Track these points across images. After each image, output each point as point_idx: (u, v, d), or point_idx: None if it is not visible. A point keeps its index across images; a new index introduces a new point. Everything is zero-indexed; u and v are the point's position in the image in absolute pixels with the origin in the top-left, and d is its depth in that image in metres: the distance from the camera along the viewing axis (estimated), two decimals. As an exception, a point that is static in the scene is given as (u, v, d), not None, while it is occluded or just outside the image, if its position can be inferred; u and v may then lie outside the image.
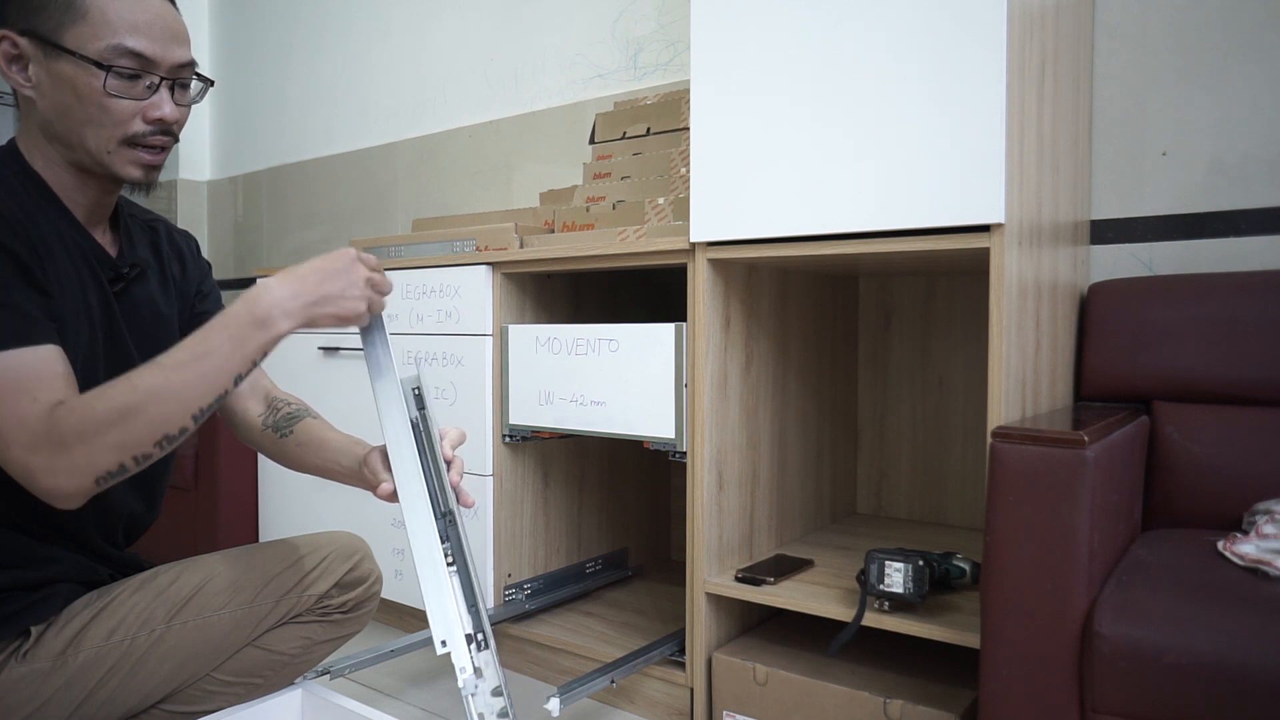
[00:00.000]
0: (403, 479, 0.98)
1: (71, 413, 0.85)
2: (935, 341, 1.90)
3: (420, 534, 0.94)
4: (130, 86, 0.96)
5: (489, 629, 0.92)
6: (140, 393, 0.86)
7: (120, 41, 0.94)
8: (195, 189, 3.66)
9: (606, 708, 1.66)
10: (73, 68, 0.94)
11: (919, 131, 1.27)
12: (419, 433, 1.00)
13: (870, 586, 1.32)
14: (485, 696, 0.88)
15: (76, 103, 0.95)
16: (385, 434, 1.00)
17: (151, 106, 0.97)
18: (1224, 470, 1.39)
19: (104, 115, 0.95)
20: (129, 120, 0.97)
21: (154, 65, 0.96)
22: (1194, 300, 1.48)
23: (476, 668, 0.89)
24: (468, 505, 1.00)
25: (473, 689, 0.87)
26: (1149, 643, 0.95)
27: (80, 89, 0.94)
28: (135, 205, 1.17)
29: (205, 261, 1.25)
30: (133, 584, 1.06)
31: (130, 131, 0.97)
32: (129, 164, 0.99)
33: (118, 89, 0.95)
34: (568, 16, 2.46)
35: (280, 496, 2.32)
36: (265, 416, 1.18)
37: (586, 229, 1.86)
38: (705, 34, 1.48)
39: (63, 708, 0.98)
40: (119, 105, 0.95)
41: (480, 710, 0.87)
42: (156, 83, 0.97)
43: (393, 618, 2.11)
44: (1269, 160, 1.53)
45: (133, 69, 0.95)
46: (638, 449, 2.19)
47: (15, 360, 0.86)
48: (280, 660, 1.14)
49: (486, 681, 0.89)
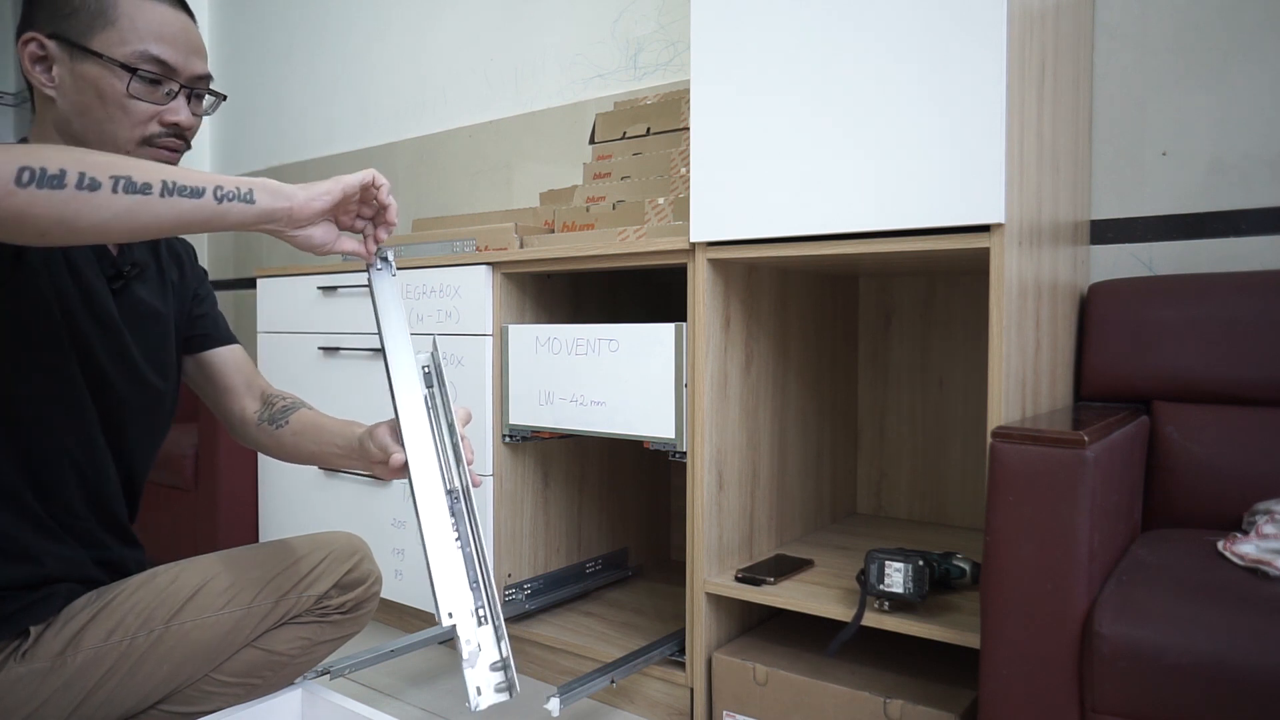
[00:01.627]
0: (414, 451, 0.97)
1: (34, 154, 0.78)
2: (935, 341, 1.90)
3: (430, 508, 0.94)
4: (151, 91, 1.00)
5: (494, 605, 0.92)
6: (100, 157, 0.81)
7: (146, 48, 0.99)
8: (195, 189, 3.65)
9: (606, 708, 1.66)
10: (98, 69, 0.97)
11: (919, 131, 1.27)
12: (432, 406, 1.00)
13: (870, 586, 1.32)
14: (484, 670, 0.88)
15: (98, 103, 0.98)
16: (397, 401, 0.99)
17: (169, 111, 1.01)
18: (1224, 470, 1.39)
19: (124, 115, 0.99)
20: (147, 122, 1.00)
21: (175, 73, 1.01)
22: (1194, 300, 1.48)
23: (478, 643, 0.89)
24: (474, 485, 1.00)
25: (473, 663, 0.88)
26: (1149, 643, 0.95)
27: (104, 90, 0.98)
28: None
29: (202, 269, 1.27)
30: (132, 584, 1.06)
31: (147, 132, 1.01)
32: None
33: (139, 92, 0.99)
34: (568, 16, 2.46)
35: (280, 496, 2.32)
36: (261, 413, 1.20)
37: (586, 229, 1.86)
38: (705, 34, 1.48)
39: (61, 708, 0.98)
40: (139, 107, 0.99)
41: (478, 683, 0.87)
42: (176, 90, 1.02)
43: (393, 618, 2.11)
44: (1269, 160, 1.53)
45: (155, 74, 0.99)
46: (638, 449, 2.19)
47: None
48: (279, 661, 1.14)
49: (485, 655, 0.89)
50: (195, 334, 1.21)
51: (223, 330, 1.25)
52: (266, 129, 3.42)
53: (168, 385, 1.14)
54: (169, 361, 1.15)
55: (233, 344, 1.25)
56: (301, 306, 2.21)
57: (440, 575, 0.91)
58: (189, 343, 1.21)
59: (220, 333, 1.24)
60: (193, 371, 1.23)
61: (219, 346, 1.23)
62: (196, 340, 1.21)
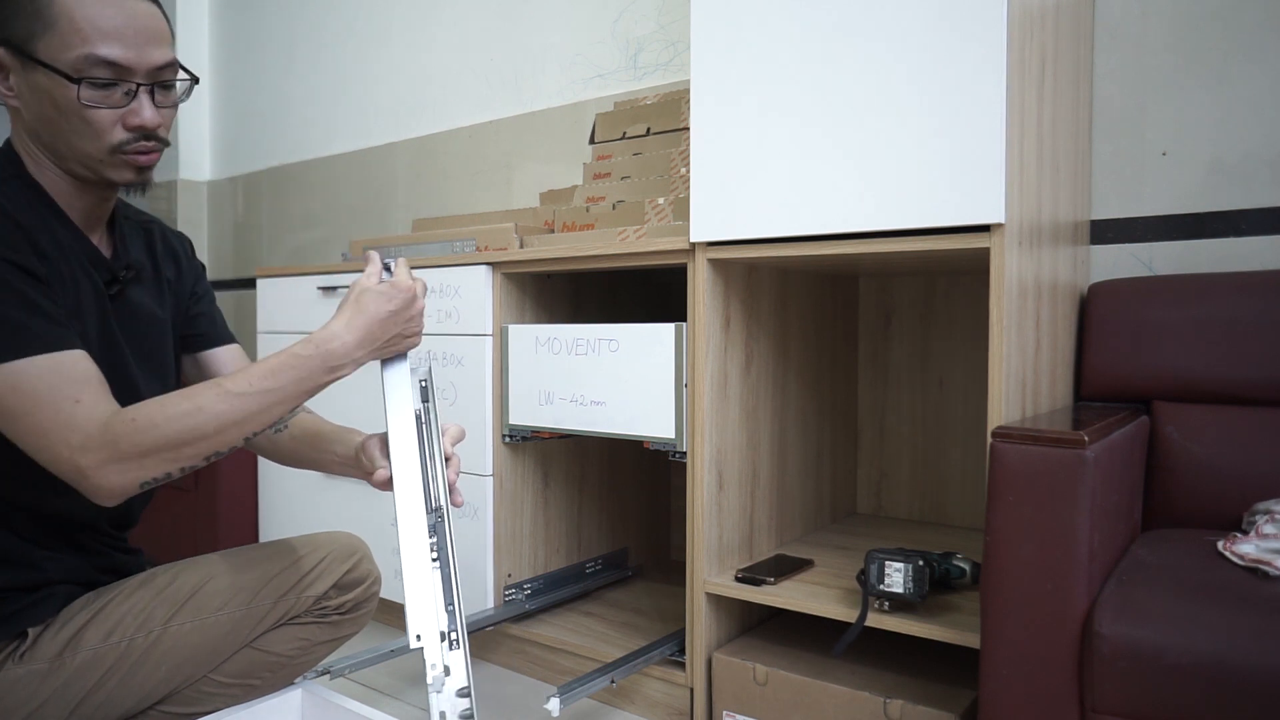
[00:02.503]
0: (400, 469, 0.98)
1: (132, 425, 0.88)
2: (935, 341, 1.90)
3: (410, 527, 0.95)
4: (106, 96, 0.92)
5: (464, 630, 0.93)
6: (205, 416, 0.90)
7: (91, 51, 0.90)
8: (195, 189, 3.66)
9: (606, 708, 1.66)
10: (48, 80, 0.91)
11: (919, 131, 1.27)
12: (421, 424, 1.00)
13: (870, 586, 1.32)
14: (450, 696, 0.88)
15: (57, 115, 0.93)
16: (388, 421, 1.00)
17: (130, 114, 0.94)
18: (1224, 470, 1.39)
19: (85, 127, 0.93)
20: (110, 129, 0.94)
21: (129, 72, 0.93)
22: (1194, 300, 1.48)
23: (445, 666, 0.90)
24: (457, 505, 1.00)
25: (439, 687, 0.88)
26: (1149, 643, 0.95)
27: (58, 101, 0.92)
28: (129, 206, 1.16)
29: (199, 263, 1.24)
30: (130, 585, 1.05)
31: (114, 141, 0.95)
32: (121, 169, 0.98)
33: (93, 99, 0.92)
34: (568, 16, 2.46)
35: (280, 496, 2.32)
36: None
37: (586, 229, 1.86)
38: (705, 34, 1.48)
39: (60, 709, 0.98)
40: (98, 116, 0.93)
41: (443, 709, 0.87)
42: (134, 89, 0.94)
43: (393, 618, 2.11)
44: (1269, 160, 1.53)
45: (107, 78, 0.92)
46: (638, 449, 2.19)
47: (50, 364, 0.88)
48: (278, 661, 1.14)
49: (454, 680, 0.89)
50: (192, 333, 1.19)
51: (220, 330, 1.23)
52: (267, 129, 3.42)
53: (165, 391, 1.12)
54: (167, 366, 1.13)
55: (230, 344, 1.23)
56: (301, 306, 2.21)
57: (414, 596, 0.92)
58: (186, 342, 1.19)
59: (218, 332, 1.22)
60: (191, 371, 1.21)
61: (216, 346, 1.21)
62: (193, 340, 1.20)
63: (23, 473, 0.96)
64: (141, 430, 0.88)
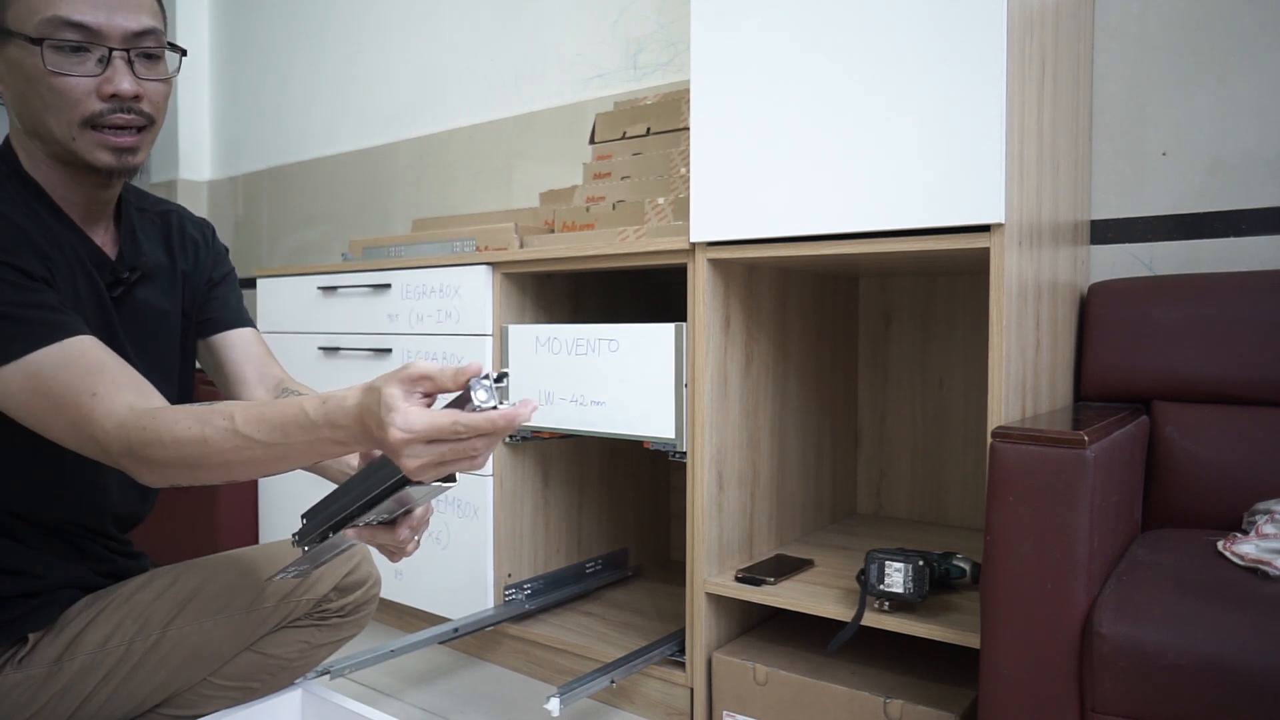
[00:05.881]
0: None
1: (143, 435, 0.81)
2: (935, 341, 1.90)
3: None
4: (76, 62, 0.87)
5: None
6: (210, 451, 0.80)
7: (55, 13, 0.85)
8: (195, 189, 3.66)
9: (606, 708, 1.66)
10: (19, 50, 0.87)
11: (919, 131, 1.27)
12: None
13: (870, 586, 1.32)
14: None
15: (30, 89, 0.88)
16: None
17: (105, 81, 0.88)
18: (1224, 470, 1.39)
19: (57, 98, 0.87)
20: (83, 99, 0.88)
21: (100, 36, 0.88)
22: (1194, 300, 1.48)
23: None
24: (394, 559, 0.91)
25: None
26: (1149, 642, 0.95)
27: (29, 72, 0.87)
28: (147, 196, 1.12)
29: (222, 246, 1.18)
30: (129, 588, 1.05)
31: (87, 112, 0.89)
32: (95, 148, 0.91)
33: (59, 65, 0.86)
34: (568, 16, 2.46)
35: (280, 496, 2.32)
36: None
37: (586, 229, 1.86)
38: (705, 34, 1.48)
39: (58, 713, 0.97)
40: (68, 84, 0.87)
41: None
42: (107, 55, 0.88)
43: (393, 618, 2.11)
44: (1269, 160, 1.53)
45: (75, 41, 0.86)
46: (638, 449, 2.19)
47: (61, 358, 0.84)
48: (279, 664, 1.13)
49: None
50: (204, 318, 1.14)
51: (232, 311, 1.16)
52: (267, 129, 3.42)
53: (171, 391, 1.09)
54: (175, 366, 1.11)
55: (243, 327, 1.16)
56: (301, 306, 2.21)
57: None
58: (200, 327, 1.14)
59: (229, 315, 1.15)
60: (206, 357, 1.16)
61: (227, 330, 1.14)
62: (205, 325, 1.14)
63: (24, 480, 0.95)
64: (150, 445, 0.82)
